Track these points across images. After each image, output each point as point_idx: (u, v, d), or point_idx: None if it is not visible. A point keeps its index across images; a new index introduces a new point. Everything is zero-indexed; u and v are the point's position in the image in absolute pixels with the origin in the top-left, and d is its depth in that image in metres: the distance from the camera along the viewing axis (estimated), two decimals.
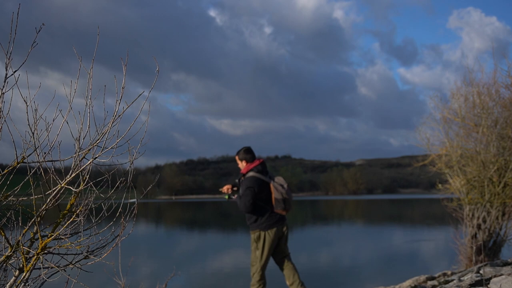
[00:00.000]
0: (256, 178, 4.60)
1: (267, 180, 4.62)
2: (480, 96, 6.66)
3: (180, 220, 28.04)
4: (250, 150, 4.79)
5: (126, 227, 2.06)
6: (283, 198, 4.54)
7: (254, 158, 4.74)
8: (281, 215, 4.60)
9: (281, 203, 4.55)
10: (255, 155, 4.80)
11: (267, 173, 4.69)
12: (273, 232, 4.54)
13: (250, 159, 4.71)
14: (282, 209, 4.56)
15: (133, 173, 2.15)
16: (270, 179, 4.64)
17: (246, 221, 4.68)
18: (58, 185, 1.97)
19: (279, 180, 4.66)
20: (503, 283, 3.20)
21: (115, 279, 2.78)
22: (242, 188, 4.63)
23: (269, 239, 4.53)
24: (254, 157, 4.77)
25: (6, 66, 1.77)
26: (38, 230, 1.94)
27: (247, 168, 4.68)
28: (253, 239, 4.60)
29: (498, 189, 6.27)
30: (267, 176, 4.65)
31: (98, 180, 2.09)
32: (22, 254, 1.92)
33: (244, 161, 4.73)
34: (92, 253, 2.03)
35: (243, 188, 4.61)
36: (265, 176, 4.63)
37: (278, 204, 4.54)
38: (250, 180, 4.60)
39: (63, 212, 2.04)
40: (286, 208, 4.57)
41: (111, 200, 2.11)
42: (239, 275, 8.25)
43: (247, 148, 4.79)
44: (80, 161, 2.01)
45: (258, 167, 4.66)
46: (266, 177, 4.64)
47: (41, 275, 1.94)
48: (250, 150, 4.79)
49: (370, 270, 8.72)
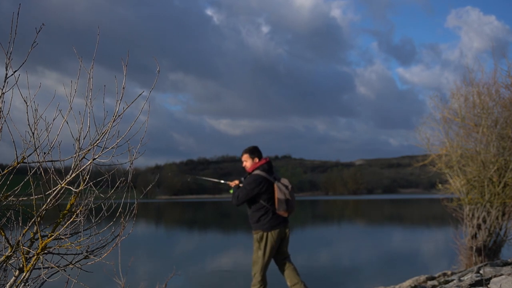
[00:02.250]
0: (260, 176, 4.60)
1: (271, 179, 4.60)
2: (480, 96, 6.65)
3: (180, 220, 28.03)
4: (257, 149, 4.79)
5: (126, 227, 2.06)
6: (286, 199, 4.51)
7: (261, 157, 4.73)
8: (284, 217, 4.59)
9: (284, 204, 4.51)
10: (261, 154, 4.79)
11: (272, 173, 4.67)
12: (276, 233, 4.52)
13: (257, 157, 4.71)
14: (284, 210, 4.52)
15: (133, 173, 2.15)
16: (275, 180, 4.62)
17: (249, 221, 4.67)
18: (58, 185, 1.97)
19: (284, 181, 4.63)
20: (503, 283, 3.20)
21: (115, 279, 2.78)
22: (243, 183, 4.65)
23: (271, 240, 4.51)
24: (261, 156, 4.76)
25: (6, 66, 1.77)
26: (38, 230, 1.94)
27: (253, 166, 4.67)
28: (255, 239, 4.59)
29: (498, 189, 6.26)
30: (272, 176, 4.63)
31: (98, 180, 2.09)
32: (22, 254, 1.92)
33: (250, 159, 4.72)
34: (92, 253, 2.03)
35: (244, 183, 4.63)
36: (270, 176, 4.62)
37: (280, 205, 4.51)
38: (253, 178, 4.61)
39: (63, 212, 2.04)
40: (288, 210, 4.53)
41: (111, 200, 2.11)
42: (239, 275, 8.25)
43: (254, 147, 4.78)
44: (80, 161, 2.01)
45: (264, 166, 4.65)
46: (271, 176, 4.62)
47: (41, 275, 1.94)
48: (257, 149, 4.79)
49: (370, 270, 8.71)
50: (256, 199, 4.58)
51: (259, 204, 4.57)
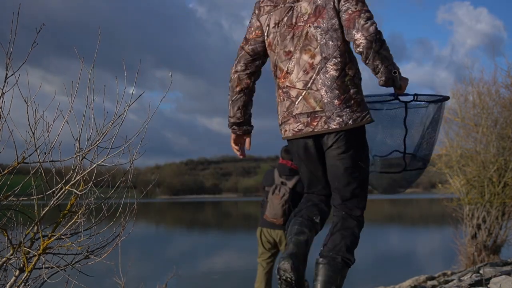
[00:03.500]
0: (269, 170, 4.68)
1: (276, 180, 4.49)
2: (480, 96, 6.65)
3: (180, 220, 27.99)
4: (288, 151, 4.51)
5: (126, 227, 2.06)
6: (271, 204, 4.37)
7: (289, 158, 4.56)
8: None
9: (267, 206, 4.39)
10: (287, 155, 4.62)
11: (285, 176, 4.50)
12: (266, 231, 4.46)
13: (284, 158, 4.61)
14: (266, 212, 4.39)
15: (134, 174, 2.15)
16: (280, 183, 4.47)
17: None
18: (60, 186, 1.97)
19: (283, 189, 4.45)
20: (503, 283, 3.20)
21: (115, 279, 2.78)
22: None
23: (263, 237, 4.48)
24: (290, 158, 4.54)
25: (6, 66, 1.77)
26: (39, 231, 1.94)
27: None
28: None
29: (498, 189, 6.26)
30: (281, 177, 4.50)
31: (98, 180, 2.09)
32: (23, 254, 1.92)
33: (281, 158, 4.67)
34: (92, 253, 2.02)
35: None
36: (279, 177, 4.51)
37: (265, 208, 4.41)
38: (267, 170, 4.77)
39: (63, 212, 2.03)
40: (267, 213, 4.38)
41: (112, 200, 2.11)
42: (240, 275, 8.24)
43: (286, 148, 4.62)
44: (80, 161, 2.01)
45: (279, 166, 4.59)
46: (279, 177, 4.50)
47: (41, 275, 1.94)
48: (288, 151, 4.51)
49: (370, 270, 8.71)
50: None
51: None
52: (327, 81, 2.01)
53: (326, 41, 2.02)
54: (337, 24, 2.01)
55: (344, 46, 2.03)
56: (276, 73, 2.18)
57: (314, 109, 2.03)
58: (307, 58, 2.05)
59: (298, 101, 2.08)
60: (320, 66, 2.02)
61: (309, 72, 2.04)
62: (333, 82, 2.00)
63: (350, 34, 1.96)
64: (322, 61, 2.02)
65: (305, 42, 2.06)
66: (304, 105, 2.06)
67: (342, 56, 2.02)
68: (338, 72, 2.01)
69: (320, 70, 2.02)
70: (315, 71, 2.03)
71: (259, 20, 2.20)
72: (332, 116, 2.00)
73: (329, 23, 2.02)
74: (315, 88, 2.03)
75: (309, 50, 2.05)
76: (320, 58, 2.02)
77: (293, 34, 2.09)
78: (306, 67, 2.05)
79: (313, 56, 2.04)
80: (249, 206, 39.92)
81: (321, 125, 2.03)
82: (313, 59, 2.04)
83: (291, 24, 2.10)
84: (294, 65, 2.09)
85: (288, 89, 2.11)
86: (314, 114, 2.04)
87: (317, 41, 2.03)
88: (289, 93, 2.11)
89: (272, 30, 2.15)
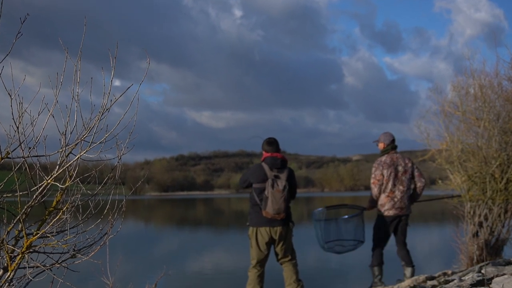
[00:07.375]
0: (256, 166, 4.52)
1: (269, 175, 4.36)
2: (481, 89, 6.53)
3: (170, 218, 27.87)
4: (272, 143, 4.56)
5: (114, 225, 2.01)
6: (273, 199, 4.27)
7: (274, 150, 4.51)
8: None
9: (267, 202, 4.28)
10: (278, 148, 4.56)
11: (277, 169, 4.41)
12: (264, 230, 4.36)
13: (268, 150, 4.52)
14: (266, 209, 4.28)
15: (122, 169, 2.09)
16: (274, 177, 4.36)
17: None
18: (44, 181, 1.92)
19: (281, 183, 4.36)
20: (506, 283, 3.14)
21: (103, 279, 2.70)
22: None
23: (260, 237, 4.36)
24: (275, 150, 4.53)
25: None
26: (23, 228, 1.89)
27: (262, 159, 4.54)
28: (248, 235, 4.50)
29: (500, 186, 6.16)
30: (273, 171, 4.39)
31: (85, 176, 2.04)
32: (7, 253, 1.88)
33: (264, 151, 4.56)
34: (79, 252, 1.98)
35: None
36: (270, 170, 4.39)
37: (265, 204, 4.29)
38: (252, 167, 4.62)
39: (49, 209, 1.99)
40: (267, 210, 4.28)
41: (99, 197, 2.06)
42: (232, 274, 8.17)
43: (269, 140, 4.59)
44: (66, 156, 1.95)
45: (267, 159, 4.46)
46: (271, 171, 4.39)
47: (26, 275, 1.89)
48: (272, 143, 4.56)
49: (370, 269, 8.61)
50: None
51: (251, 194, 4.50)
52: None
53: None
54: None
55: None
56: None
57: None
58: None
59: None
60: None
61: None
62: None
63: None
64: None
65: None
66: None
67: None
68: None
69: None
70: None
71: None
72: None
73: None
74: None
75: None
76: None
77: None
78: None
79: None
80: (242, 203, 39.88)
81: None
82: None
83: None
84: None
85: None
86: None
87: None
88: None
89: None
